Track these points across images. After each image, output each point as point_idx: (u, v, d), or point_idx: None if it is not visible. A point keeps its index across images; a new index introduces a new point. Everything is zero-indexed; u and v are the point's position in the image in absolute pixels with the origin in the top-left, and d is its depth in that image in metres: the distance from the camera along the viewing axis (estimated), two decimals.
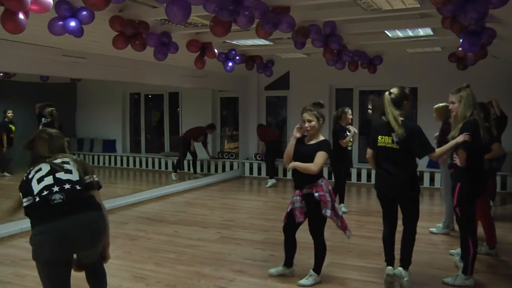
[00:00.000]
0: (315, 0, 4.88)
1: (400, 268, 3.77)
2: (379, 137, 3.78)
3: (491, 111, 5.00)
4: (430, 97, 7.98)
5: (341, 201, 6.88)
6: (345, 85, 9.89)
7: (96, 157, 12.10)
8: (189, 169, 10.24)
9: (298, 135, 3.95)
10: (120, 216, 6.64)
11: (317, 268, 4.05)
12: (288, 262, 4.21)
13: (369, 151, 3.94)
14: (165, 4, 3.85)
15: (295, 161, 3.92)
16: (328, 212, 3.83)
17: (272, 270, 4.23)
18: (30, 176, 2.60)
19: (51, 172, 2.58)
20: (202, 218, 6.58)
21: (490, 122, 4.54)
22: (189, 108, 10.44)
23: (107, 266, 2.95)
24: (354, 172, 9.10)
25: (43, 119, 8.99)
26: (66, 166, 2.64)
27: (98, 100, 12.09)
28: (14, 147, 9.78)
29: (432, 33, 6.40)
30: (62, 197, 2.48)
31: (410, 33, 6.46)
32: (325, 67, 7.76)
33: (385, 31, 6.35)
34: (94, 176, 2.70)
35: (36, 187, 2.52)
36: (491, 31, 5.12)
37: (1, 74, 8.48)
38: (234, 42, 7.27)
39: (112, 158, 11.97)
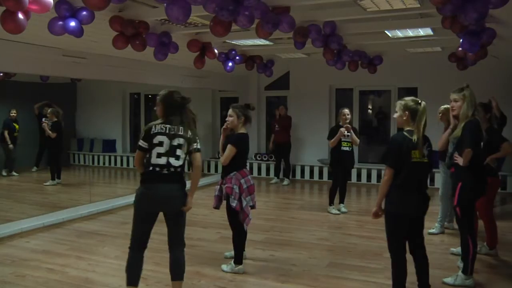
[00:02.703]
0: (315, 0, 4.88)
1: None
2: (412, 152, 3.25)
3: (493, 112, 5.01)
4: (430, 97, 7.96)
5: (341, 201, 6.89)
6: (345, 85, 9.89)
7: (96, 157, 12.10)
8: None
9: (225, 128, 4.29)
10: (120, 216, 6.64)
11: (236, 257, 4.28)
12: (237, 259, 4.33)
13: (391, 171, 3.28)
14: (165, 4, 3.85)
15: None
16: (234, 203, 4.10)
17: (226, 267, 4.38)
18: (154, 141, 3.35)
19: (167, 154, 3.36)
20: (202, 218, 6.57)
21: (493, 122, 4.53)
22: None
23: (108, 266, 2.95)
24: (354, 172, 9.08)
25: (43, 119, 8.99)
26: (178, 152, 3.39)
27: (98, 100, 12.09)
28: (18, 146, 9.83)
29: (432, 33, 6.40)
30: (167, 173, 3.37)
31: (410, 33, 6.45)
32: (325, 67, 7.76)
33: (385, 31, 6.35)
34: (197, 145, 3.49)
35: (153, 159, 3.36)
36: (491, 31, 5.12)
37: (1, 74, 8.51)
38: (234, 42, 7.26)
39: (112, 158, 11.97)
